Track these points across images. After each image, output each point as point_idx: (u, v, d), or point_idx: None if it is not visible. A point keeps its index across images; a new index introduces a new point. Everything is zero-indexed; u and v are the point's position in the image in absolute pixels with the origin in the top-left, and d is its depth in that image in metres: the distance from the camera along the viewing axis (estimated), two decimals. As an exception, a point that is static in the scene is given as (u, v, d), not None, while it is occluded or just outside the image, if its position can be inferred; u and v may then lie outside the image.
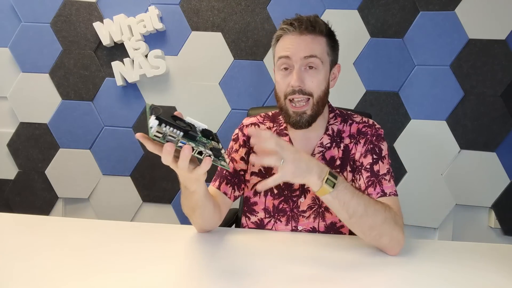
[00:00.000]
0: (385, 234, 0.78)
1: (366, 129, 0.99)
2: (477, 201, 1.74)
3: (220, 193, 0.97)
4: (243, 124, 1.07)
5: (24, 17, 1.84)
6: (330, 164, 0.97)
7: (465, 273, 0.73)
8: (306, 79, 0.90)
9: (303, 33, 0.90)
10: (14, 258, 0.73)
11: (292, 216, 0.98)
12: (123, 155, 1.87)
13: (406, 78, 1.73)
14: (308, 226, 0.98)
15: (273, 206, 0.99)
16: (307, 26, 0.90)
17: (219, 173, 1.00)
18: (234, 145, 1.05)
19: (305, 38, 0.90)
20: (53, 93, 1.87)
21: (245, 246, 0.85)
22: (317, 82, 0.91)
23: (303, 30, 0.90)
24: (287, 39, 0.92)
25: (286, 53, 0.91)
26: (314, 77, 0.91)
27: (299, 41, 0.90)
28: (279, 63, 0.93)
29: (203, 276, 0.69)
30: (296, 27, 0.90)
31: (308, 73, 0.91)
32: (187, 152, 0.63)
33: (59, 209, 1.94)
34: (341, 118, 1.02)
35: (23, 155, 1.91)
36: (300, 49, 0.89)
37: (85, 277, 0.66)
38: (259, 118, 1.07)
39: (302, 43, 0.90)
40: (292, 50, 0.90)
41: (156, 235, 0.89)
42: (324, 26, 0.93)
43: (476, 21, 1.67)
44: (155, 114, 0.63)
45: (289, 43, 0.91)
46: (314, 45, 0.90)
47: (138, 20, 1.77)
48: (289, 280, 0.68)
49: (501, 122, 1.69)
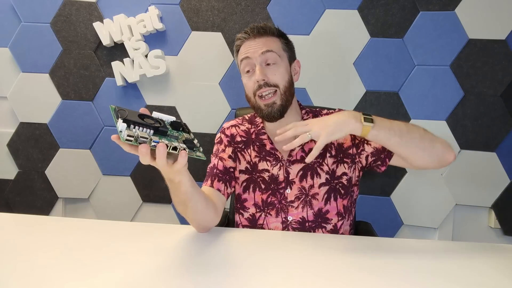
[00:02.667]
0: (434, 140, 0.88)
1: (332, 111, 1.10)
2: (477, 201, 1.74)
3: (214, 191, 1.00)
4: (224, 127, 1.15)
5: (24, 17, 1.84)
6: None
7: (465, 273, 0.73)
8: (269, 73, 0.99)
9: (257, 36, 1.01)
10: (14, 258, 0.73)
11: (281, 208, 1.02)
12: (123, 155, 1.87)
13: (406, 78, 1.73)
14: (297, 217, 1.01)
15: (262, 201, 1.04)
16: (258, 30, 1.01)
17: (210, 172, 1.04)
18: (219, 146, 1.11)
19: (260, 40, 1.01)
20: (53, 93, 1.87)
21: (244, 245, 0.85)
22: (279, 74, 1.00)
23: (256, 34, 1.01)
24: (244, 45, 1.03)
25: (245, 55, 1.01)
26: (275, 70, 1.00)
27: (254, 43, 1.01)
28: (242, 67, 1.03)
29: (203, 275, 0.69)
30: (249, 33, 1.02)
31: (269, 68, 1.00)
32: (162, 150, 0.65)
33: (59, 209, 1.94)
34: (312, 114, 1.10)
35: (23, 155, 1.91)
36: (257, 48, 1.00)
37: (85, 277, 0.66)
38: (238, 120, 1.16)
39: (258, 43, 1.01)
40: (250, 50, 1.00)
41: (156, 235, 0.89)
42: (274, 28, 1.04)
43: (476, 21, 1.67)
44: (121, 117, 0.63)
45: (247, 46, 1.02)
46: (268, 42, 1.01)
47: (138, 20, 1.77)
48: (288, 280, 0.68)
49: (501, 122, 1.69)
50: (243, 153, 1.08)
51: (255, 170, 1.06)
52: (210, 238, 0.89)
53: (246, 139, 1.09)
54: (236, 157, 1.09)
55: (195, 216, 0.88)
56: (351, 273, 0.72)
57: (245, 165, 1.07)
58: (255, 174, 1.06)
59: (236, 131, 1.12)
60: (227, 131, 1.12)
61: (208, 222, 0.92)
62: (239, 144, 1.09)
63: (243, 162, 1.07)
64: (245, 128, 1.12)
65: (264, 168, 1.05)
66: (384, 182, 1.78)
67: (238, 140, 1.10)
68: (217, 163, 1.05)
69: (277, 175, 1.03)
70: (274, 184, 1.03)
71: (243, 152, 1.08)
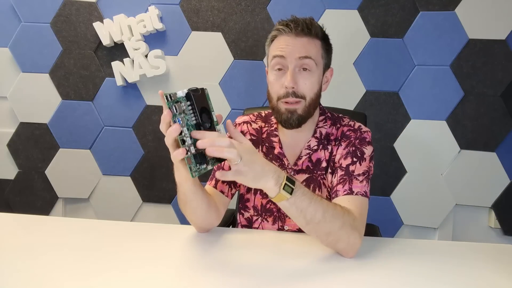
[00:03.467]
0: (341, 240, 0.77)
1: (350, 133, 0.98)
2: (477, 201, 1.74)
3: (217, 192, 0.98)
4: (236, 123, 1.09)
5: (24, 17, 1.84)
6: (316, 166, 0.98)
7: (465, 273, 0.73)
8: (300, 80, 0.90)
9: (299, 34, 0.90)
10: (14, 258, 0.73)
11: (278, 216, 1.00)
12: (123, 155, 1.87)
13: (406, 78, 1.73)
14: (294, 227, 0.99)
15: (261, 205, 1.01)
16: (303, 28, 0.89)
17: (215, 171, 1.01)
18: None
19: (301, 40, 0.90)
20: (53, 93, 1.87)
21: (243, 245, 0.85)
22: (310, 84, 0.91)
23: (299, 32, 0.90)
24: (282, 39, 0.91)
25: (281, 53, 0.90)
26: (307, 79, 0.91)
27: (294, 42, 0.90)
28: (273, 63, 0.93)
29: (202, 275, 0.69)
30: (292, 28, 0.90)
31: (301, 74, 0.90)
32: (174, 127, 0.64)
33: (59, 209, 1.94)
34: (331, 121, 1.02)
35: (23, 155, 1.91)
36: (295, 49, 0.89)
37: (85, 277, 0.66)
38: (251, 117, 1.08)
39: (298, 44, 0.90)
40: (287, 50, 0.89)
41: (156, 235, 0.89)
42: (319, 29, 0.93)
43: (476, 21, 1.67)
44: (191, 90, 0.67)
45: (285, 43, 0.90)
46: (309, 47, 0.90)
47: (138, 20, 1.77)
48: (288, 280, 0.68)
49: (501, 122, 1.69)
50: None
51: None
52: (210, 238, 0.89)
53: (255, 139, 1.05)
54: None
55: (193, 218, 0.88)
56: (351, 273, 0.71)
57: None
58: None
59: (247, 128, 1.06)
60: (238, 127, 1.07)
61: (208, 224, 0.91)
62: None
63: None
64: (257, 127, 1.06)
65: None
66: (384, 182, 1.78)
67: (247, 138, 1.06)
68: (224, 163, 1.01)
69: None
70: None
71: None
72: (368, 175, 0.93)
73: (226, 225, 1.20)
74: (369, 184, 0.93)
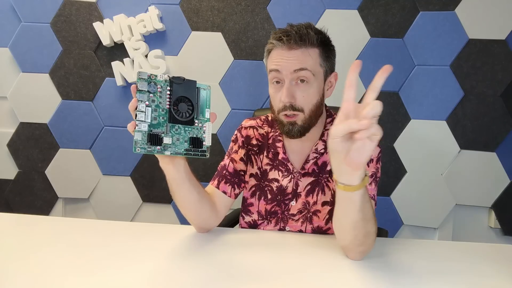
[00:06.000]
0: (367, 244, 0.76)
1: None
2: (477, 201, 1.74)
3: (219, 192, 0.97)
4: (242, 126, 1.07)
5: (24, 17, 1.84)
6: (321, 170, 0.97)
7: (465, 273, 0.73)
8: (297, 94, 0.88)
9: (292, 47, 0.87)
10: (14, 258, 0.73)
11: (282, 218, 1.00)
12: (123, 155, 1.87)
13: (406, 78, 1.73)
14: (295, 229, 0.99)
15: (265, 210, 1.01)
16: (295, 40, 0.86)
17: (219, 172, 1.01)
18: (233, 146, 1.05)
19: (295, 52, 0.87)
20: (53, 93, 1.87)
21: (244, 245, 0.85)
22: (308, 96, 0.89)
23: (292, 44, 0.87)
24: (276, 53, 0.89)
25: (276, 67, 0.88)
26: (305, 91, 0.88)
27: (288, 55, 0.87)
28: (270, 77, 0.92)
29: (202, 275, 0.69)
30: (284, 42, 0.87)
31: (299, 87, 0.88)
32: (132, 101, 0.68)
33: (59, 209, 1.94)
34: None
35: (23, 155, 1.91)
36: (289, 63, 0.87)
37: (85, 277, 0.66)
38: (258, 121, 1.07)
39: (292, 57, 0.87)
40: (281, 64, 0.88)
41: (156, 235, 0.89)
42: (315, 36, 0.88)
43: (476, 21, 1.67)
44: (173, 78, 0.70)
45: (279, 57, 0.88)
46: (305, 58, 0.87)
47: (138, 20, 1.77)
48: (288, 280, 0.68)
49: (501, 122, 1.69)
50: (256, 157, 1.04)
51: (264, 178, 1.01)
52: (210, 238, 0.89)
53: (261, 144, 1.04)
54: (248, 159, 1.04)
55: (183, 211, 0.88)
56: (351, 273, 0.72)
57: (256, 171, 1.03)
58: (264, 182, 1.02)
59: (253, 133, 1.05)
60: (244, 131, 1.06)
61: (206, 224, 0.91)
62: (254, 148, 1.04)
63: (255, 166, 1.03)
64: (263, 132, 1.05)
65: (274, 178, 1.01)
66: (384, 182, 1.78)
67: (253, 143, 1.04)
68: (228, 164, 1.01)
69: (286, 187, 0.99)
70: (281, 195, 0.99)
71: (256, 157, 1.04)
72: (375, 177, 0.92)
73: (231, 225, 1.21)
74: (376, 187, 0.92)
